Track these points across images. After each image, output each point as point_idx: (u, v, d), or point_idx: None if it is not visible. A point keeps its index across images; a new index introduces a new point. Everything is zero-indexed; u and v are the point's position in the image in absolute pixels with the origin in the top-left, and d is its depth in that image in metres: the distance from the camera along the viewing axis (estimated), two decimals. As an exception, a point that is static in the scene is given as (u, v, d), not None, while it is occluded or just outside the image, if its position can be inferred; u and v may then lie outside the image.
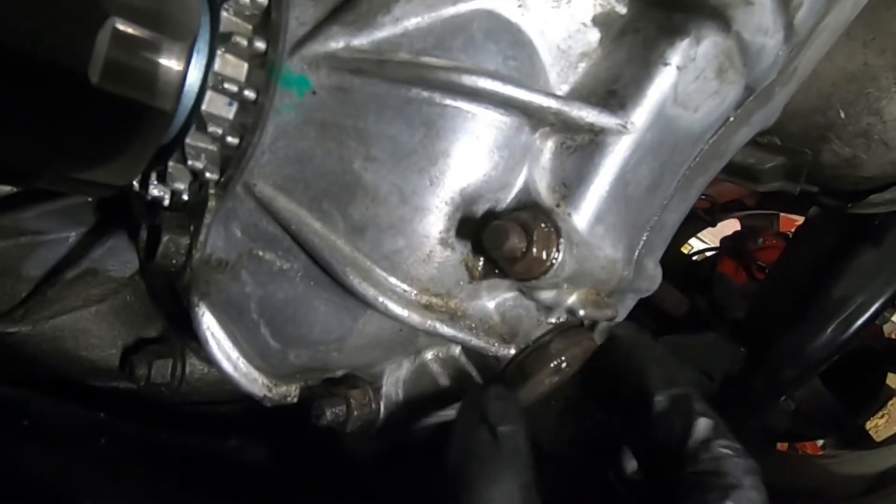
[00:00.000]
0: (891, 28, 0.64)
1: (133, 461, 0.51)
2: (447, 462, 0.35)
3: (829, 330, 0.91)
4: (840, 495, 1.14)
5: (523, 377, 0.43)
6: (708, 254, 1.77)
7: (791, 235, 1.31)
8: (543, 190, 0.40)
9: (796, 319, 0.95)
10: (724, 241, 1.69)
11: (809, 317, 0.93)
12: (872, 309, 0.89)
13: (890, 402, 1.90)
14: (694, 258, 1.76)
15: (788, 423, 1.19)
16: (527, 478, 0.33)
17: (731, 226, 1.71)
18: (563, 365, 0.43)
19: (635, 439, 0.35)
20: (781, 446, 1.49)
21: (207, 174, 0.42)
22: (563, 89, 0.40)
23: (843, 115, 0.68)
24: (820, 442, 1.67)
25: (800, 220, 1.16)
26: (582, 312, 0.43)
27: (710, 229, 1.65)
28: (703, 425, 0.32)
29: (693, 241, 1.94)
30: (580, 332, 0.45)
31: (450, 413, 0.52)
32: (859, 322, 0.89)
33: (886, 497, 1.03)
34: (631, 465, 0.37)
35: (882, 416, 1.94)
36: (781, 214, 1.63)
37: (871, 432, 1.52)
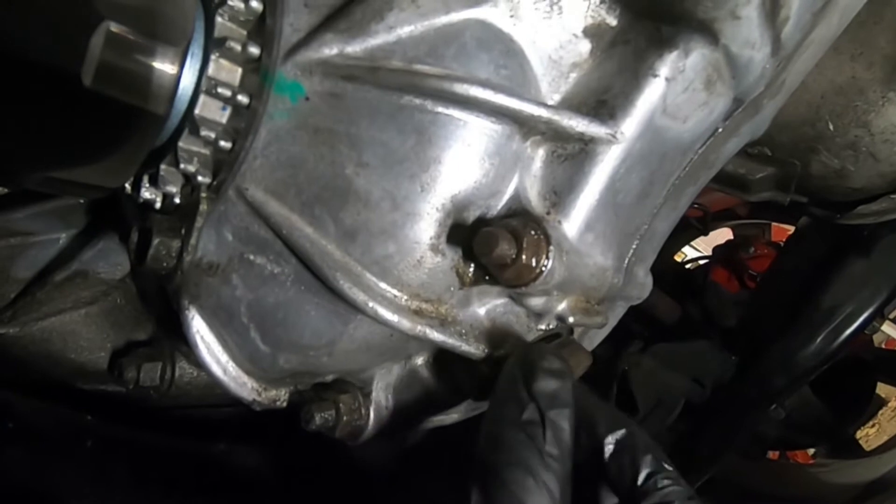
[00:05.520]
0: (878, 43, 0.65)
1: (120, 464, 0.50)
2: (480, 441, 0.33)
3: (819, 339, 0.91)
4: (830, 504, 1.14)
5: None
6: (701, 262, 1.78)
7: (782, 245, 1.32)
8: (534, 197, 0.40)
9: (786, 328, 0.96)
10: (716, 249, 1.70)
11: (799, 326, 0.94)
12: (861, 319, 0.90)
13: (880, 412, 1.91)
14: (687, 266, 1.77)
15: (779, 431, 1.19)
16: (567, 468, 0.31)
17: (723, 235, 1.72)
18: None
19: (593, 479, 0.35)
20: (773, 455, 1.49)
21: (199, 178, 0.42)
22: (554, 99, 0.40)
23: (831, 127, 0.69)
24: (811, 451, 1.68)
25: (791, 229, 1.17)
26: (571, 319, 0.43)
27: (702, 238, 1.66)
28: (647, 461, 0.34)
29: (686, 249, 1.96)
30: (575, 345, 0.45)
31: (440, 418, 0.52)
32: (848, 332, 0.90)
33: (876, 506, 1.04)
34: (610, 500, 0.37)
35: (873, 426, 1.96)
36: (773, 224, 1.65)
37: (861, 442, 1.53)
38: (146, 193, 0.44)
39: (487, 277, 0.40)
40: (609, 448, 0.35)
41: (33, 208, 0.55)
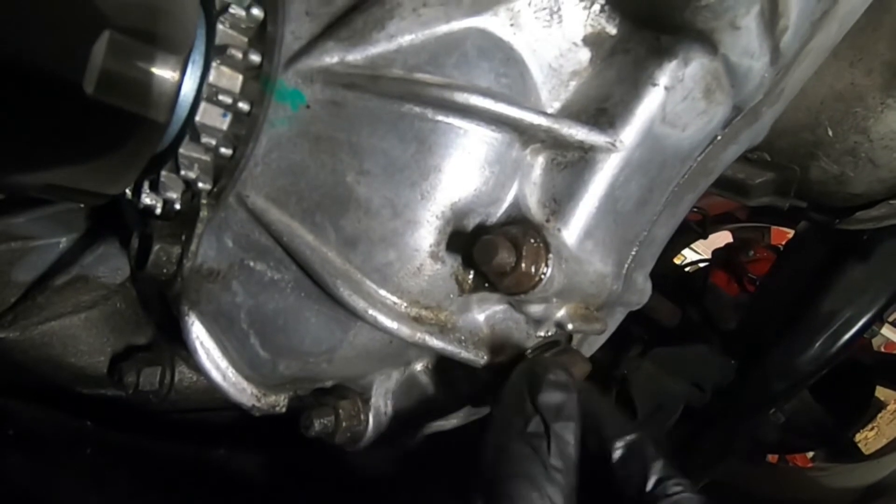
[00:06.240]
0: (877, 49, 0.65)
1: (120, 470, 0.50)
2: (484, 452, 0.33)
3: (818, 344, 0.92)
4: (829, 508, 1.15)
5: None
6: (700, 265, 1.78)
7: (781, 249, 1.32)
8: (533, 205, 0.40)
9: (785, 333, 0.96)
10: (716, 252, 1.70)
11: (798, 330, 0.94)
12: (860, 324, 0.90)
13: (879, 415, 1.92)
14: (686, 269, 1.77)
15: (778, 435, 1.19)
16: (571, 482, 0.31)
17: (723, 238, 1.73)
18: None
19: (599, 484, 0.35)
20: (772, 458, 1.49)
21: (200, 184, 0.42)
22: (554, 107, 0.40)
23: (831, 133, 0.69)
24: (810, 454, 1.68)
25: (790, 233, 1.17)
26: (571, 326, 0.44)
27: (702, 241, 1.67)
28: (657, 468, 0.34)
29: (686, 252, 1.96)
30: (575, 354, 0.45)
31: (439, 423, 0.52)
32: (847, 336, 0.90)
33: (875, 510, 1.04)
34: None
35: (872, 429, 1.96)
36: (773, 227, 1.65)
37: (860, 445, 1.53)
38: (147, 199, 0.44)
39: (487, 284, 0.40)
40: (618, 453, 0.35)
41: (34, 213, 0.55)
